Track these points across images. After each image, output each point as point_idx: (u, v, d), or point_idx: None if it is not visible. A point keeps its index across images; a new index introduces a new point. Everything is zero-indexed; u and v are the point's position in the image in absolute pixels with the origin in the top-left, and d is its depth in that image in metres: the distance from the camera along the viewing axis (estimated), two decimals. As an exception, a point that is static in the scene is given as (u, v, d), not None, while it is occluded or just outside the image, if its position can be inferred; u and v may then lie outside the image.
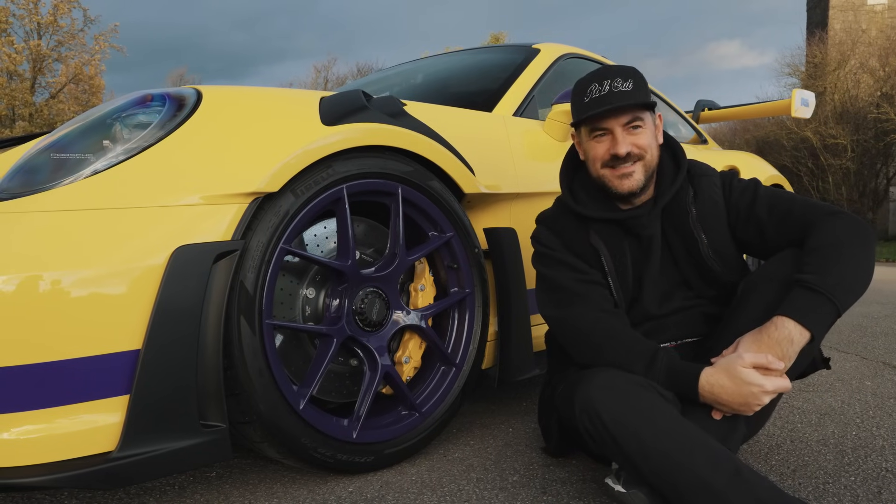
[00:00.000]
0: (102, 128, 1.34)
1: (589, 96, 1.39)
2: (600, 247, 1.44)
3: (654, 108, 1.43)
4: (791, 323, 1.21)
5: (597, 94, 1.38)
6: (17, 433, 1.13)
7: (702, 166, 1.51)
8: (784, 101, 3.48)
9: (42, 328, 1.13)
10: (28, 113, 19.82)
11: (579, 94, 1.42)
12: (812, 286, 1.22)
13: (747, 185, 1.46)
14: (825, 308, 1.21)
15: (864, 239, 1.29)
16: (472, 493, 1.41)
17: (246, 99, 1.44)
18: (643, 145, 1.39)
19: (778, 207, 1.39)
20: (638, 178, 1.39)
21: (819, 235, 1.30)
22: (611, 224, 1.45)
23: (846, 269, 1.24)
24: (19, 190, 1.21)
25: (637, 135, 1.39)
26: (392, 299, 1.60)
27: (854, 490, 1.38)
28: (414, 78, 2.84)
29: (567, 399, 1.33)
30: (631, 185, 1.39)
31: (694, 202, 1.44)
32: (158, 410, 1.20)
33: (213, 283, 1.25)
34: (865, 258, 1.27)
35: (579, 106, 1.42)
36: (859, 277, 1.26)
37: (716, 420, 1.25)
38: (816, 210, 1.35)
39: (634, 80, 1.38)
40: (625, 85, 1.36)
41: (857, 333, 3.19)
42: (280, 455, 1.40)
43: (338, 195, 1.46)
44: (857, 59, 19.35)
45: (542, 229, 1.53)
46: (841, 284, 1.23)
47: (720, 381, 1.22)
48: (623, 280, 1.45)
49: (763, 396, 1.20)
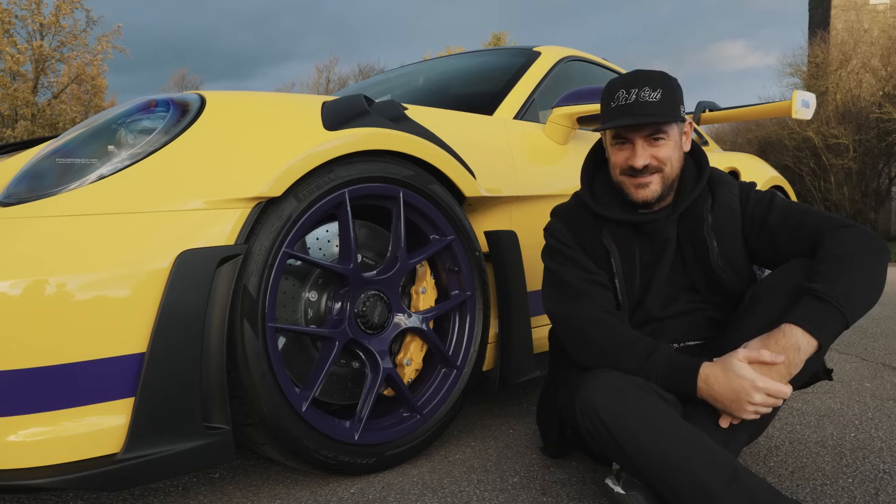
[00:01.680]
0: (107, 133, 1.35)
1: (616, 102, 1.37)
2: (611, 247, 1.45)
3: (682, 118, 1.40)
4: (799, 331, 1.20)
5: (623, 102, 1.36)
6: (24, 435, 1.14)
7: (722, 175, 1.51)
8: (785, 103, 3.48)
9: (48, 332, 1.14)
10: (30, 113, 19.85)
11: (607, 98, 1.40)
12: (821, 295, 1.22)
13: (764, 196, 1.46)
14: (833, 317, 1.21)
15: (876, 251, 1.28)
16: (473, 495, 1.42)
17: (249, 104, 1.46)
18: (663, 158, 1.38)
19: (791, 218, 1.39)
20: (654, 189, 1.39)
21: (829, 246, 1.29)
22: (625, 226, 1.46)
23: (856, 279, 1.24)
24: (26, 195, 1.23)
25: (658, 147, 1.38)
26: (394, 302, 1.62)
27: (852, 492, 1.39)
28: (415, 81, 2.85)
29: (569, 401, 1.35)
30: (646, 195, 1.39)
31: (711, 210, 1.44)
32: (163, 413, 1.21)
33: (216, 286, 1.27)
34: (876, 270, 1.27)
35: (606, 110, 1.41)
36: (869, 289, 1.25)
37: (718, 427, 1.25)
38: (829, 222, 1.35)
39: (664, 89, 1.35)
40: (653, 95, 1.34)
41: (857, 335, 3.20)
42: (282, 456, 1.42)
43: (340, 199, 1.48)
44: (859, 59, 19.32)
45: (558, 223, 1.53)
46: (850, 295, 1.22)
47: (715, 373, 1.23)
48: (630, 282, 1.45)
49: (753, 393, 1.18)
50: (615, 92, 1.38)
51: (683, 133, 1.45)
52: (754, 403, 1.19)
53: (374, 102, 1.63)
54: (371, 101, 1.61)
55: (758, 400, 1.19)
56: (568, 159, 2.17)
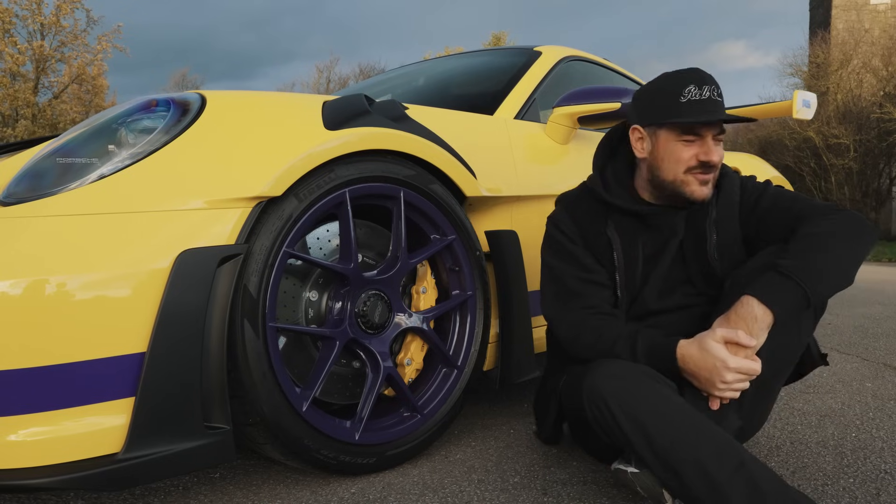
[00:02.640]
0: (108, 133, 1.35)
1: (686, 97, 1.33)
2: (615, 238, 1.46)
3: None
4: (754, 301, 1.24)
5: (696, 97, 1.33)
6: (24, 435, 1.14)
7: (724, 167, 1.52)
8: (785, 103, 3.48)
9: (48, 331, 1.14)
10: (31, 113, 19.87)
11: (674, 92, 1.35)
12: (782, 270, 1.25)
13: (759, 184, 1.49)
14: (792, 292, 1.23)
15: (857, 232, 1.30)
16: (474, 495, 1.42)
17: (249, 103, 1.46)
18: (722, 157, 1.39)
19: (780, 204, 1.42)
20: (712, 188, 1.41)
21: (807, 226, 1.32)
22: (632, 217, 1.46)
23: (824, 257, 1.26)
24: (26, 194, 1.22)
25: (720, 146, 1.39)
26: (394, 302, 1.62)
27: (853, 492, 1.39)
28: (415, 81, 2.85)
29: (573, 389, 1.35)
30: (706, 193, 1.39)
31: (716, 204, 1.46)
32: (163, 412, 1.21)
33: (217, 286, 1.26)
34: (851, 251, 1.29)
35: (671, 104, 1.35)
36: (839, 268, 1.28)
37: (707, 406, 1.27)
38: (815, 207, 1.37)
39: (720, 90, 1.36)
40: (718, 94, 1.35)
41: (858, 335, 3.20)
42: (283, 456, 1.42)
43: (340, 199, 1.48)
44: (859, 59, 19.32)
45: (563, 213, 1.52)
46: (813, 271, 1.24)
47: (691, 351, 1.26)
48: (630, 275, 1.46)
49: (725, 372, 1.21)
50: (684, 86, 1.34)
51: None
52: (726, 382, 1.22)
53: (375, 102, 1.63)
54: (372, 101, 1.61)
55: (729, 378, 1.22)
56: (569, 159, 2.17)
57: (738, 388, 1.24)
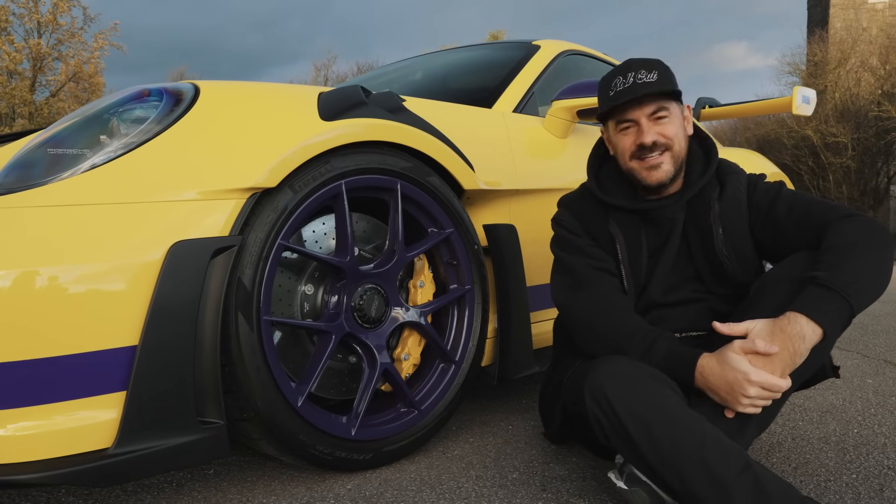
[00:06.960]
0: (99, 123, 1.33)
1: (613, 89, 1.39)
2: (617, 235, 1.45)
3: (680, 98, 1.43)
4: (803, 319, 1.18)
5: (621, 87, 1.38)
6: (14, 429, 1.12)
7: (731, 165, 1.51)
8: (785, 99, 3.46)
9: (38, 324, 1.12)
10: (28, 111, 19.83)
11: (605, 88, 1.43)
12: (825, 283, 1.20)
13: (771, 187, 1.46)
14: (838, 305, 1.19)
15: (881, 241, 1.27)
16: (472, 491, 1.40)
17: (244, 94, 1.43)
18: (670, 135, 1.39)
19: (796, 209, 1.39)
20: (667, 169, 1.39)
21: (834, 235, 1.28)
22: (632, 213, 1.46)
23: (860, 268, 1.22)
24: (15, 185, 1.20)
25: (663, 125, 1.39)
26: (391, 296, 1.60)
27: (856, 487, 1.37)
28: (413, 74, 2.83)
29: (576, 387, 1.33)
30: (660, 176, 1.39)
31: (719, 198, 1.44)
32: (155, 407, 1.19)
33: (210, 278, 1.24)
34: (881, 259, 1.25)
35: (605, 99, 1.43)
36: (874, 278, 1.24)
37: (724, 418, 1.22)
38: (834, 212, 1.34)
39: (659, 70, 1.38)
40: (649, 76, 1.36)
41: (858, 331, 3.19)
42: (278, 452, 1.39)
43: (336, 191, 1.46)
44: (857, 58, 19.34)
45: (565, 212, 1.54)
46: (855, 283, 1.21)
47: (711, 364, 1.22)
48: (636, 270, 1.45)
49: (747, 386, 1.16)
50: (612, 80, 1.42)
51: (684, 116, 1.45)
52: (749, 396, 1.17)
53: (372, 93, 1.61)
54: (368, 93, 1.59)
55: (752, 393, 1.17)
56: (567, 153, 2.15)
57: (761, 403, 1.19)
